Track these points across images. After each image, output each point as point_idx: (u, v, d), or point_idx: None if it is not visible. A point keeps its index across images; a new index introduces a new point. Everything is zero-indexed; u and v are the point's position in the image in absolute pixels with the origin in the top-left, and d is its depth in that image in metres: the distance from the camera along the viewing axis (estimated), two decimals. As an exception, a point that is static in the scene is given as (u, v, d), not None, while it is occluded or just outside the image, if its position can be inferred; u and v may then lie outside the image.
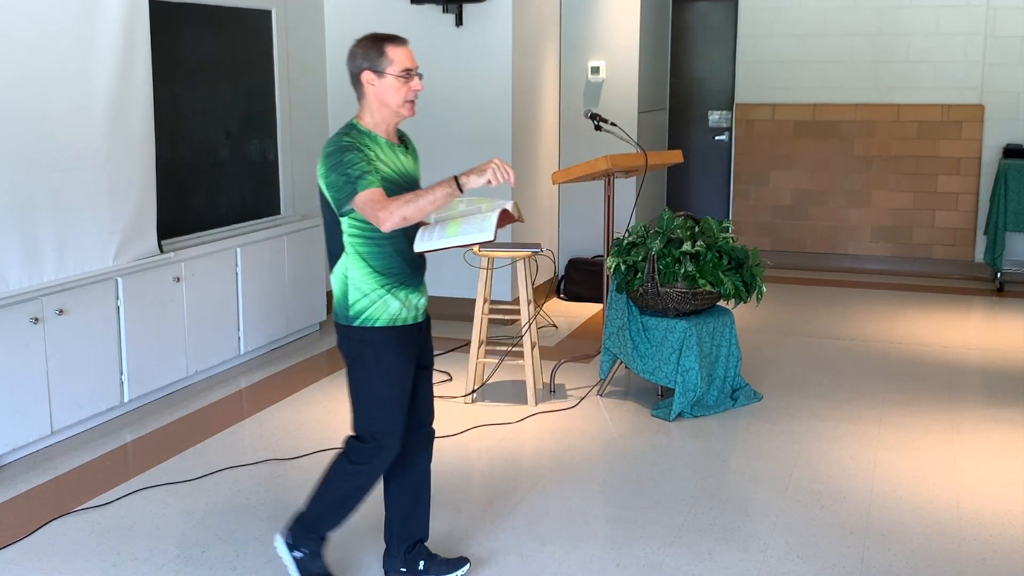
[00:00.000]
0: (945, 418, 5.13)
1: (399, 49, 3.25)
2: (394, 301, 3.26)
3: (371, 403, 3.30)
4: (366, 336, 3.25)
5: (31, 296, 4.58)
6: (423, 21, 6.86)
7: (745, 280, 5.14)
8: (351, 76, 3.29)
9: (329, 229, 3.27)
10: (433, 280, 7.01)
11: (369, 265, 3.22)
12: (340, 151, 3.17)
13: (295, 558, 3.41)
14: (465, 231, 3.27)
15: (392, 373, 3.29)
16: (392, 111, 3.28)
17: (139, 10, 5.09)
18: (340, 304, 3.27)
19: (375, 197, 3.10)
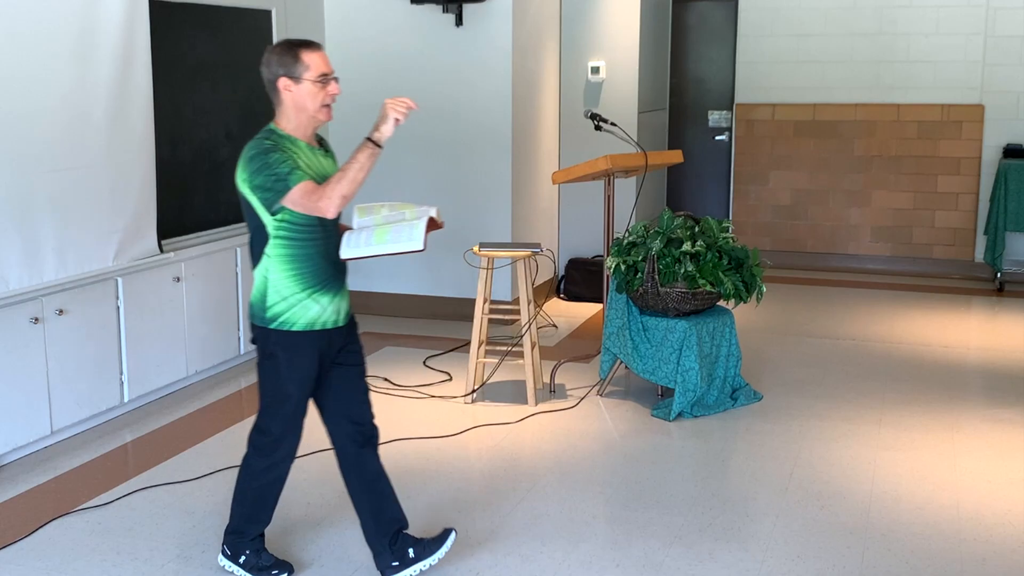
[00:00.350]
0: (945, 418, 5.13)
1: (314, 55, 3.27)
2: (314, 305, 3.31)
3: (279, 401, 3.39)
4: (281, 339, 3.31)
5: (31, 296, 4.58)
6: (423, 21, 6.86)
7: (745, 280, 5.14)
8: (267, 83, 3.30)
9: (252, 232, 3.30)
10: (433, 280, 7.07)
11: (292, 268, 3.26)
12: (263, 153, 3.20)
13: (241, 563, 3.53)
14: (394, 239, 3.29)
15: (302, 376, 3.36)
16: (310, 116, 3.31)
17: (139, 10, 5.09)
18: (257, 305, 3.32)
19: (309, 188, 3.16)
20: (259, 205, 3.22)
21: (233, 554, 3.54)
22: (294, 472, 4.45)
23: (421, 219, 3.36)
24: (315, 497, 4.21)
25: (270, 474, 3.49)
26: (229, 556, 3.56)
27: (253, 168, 3.20)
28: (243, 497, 3.52)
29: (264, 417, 3.44)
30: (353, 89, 7.08)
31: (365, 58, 7.00)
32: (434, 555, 3.53)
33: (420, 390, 5.59)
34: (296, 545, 3.80)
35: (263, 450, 3.46)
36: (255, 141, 3.27)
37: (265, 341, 3.35)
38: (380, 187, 7.10)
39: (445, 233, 6.94)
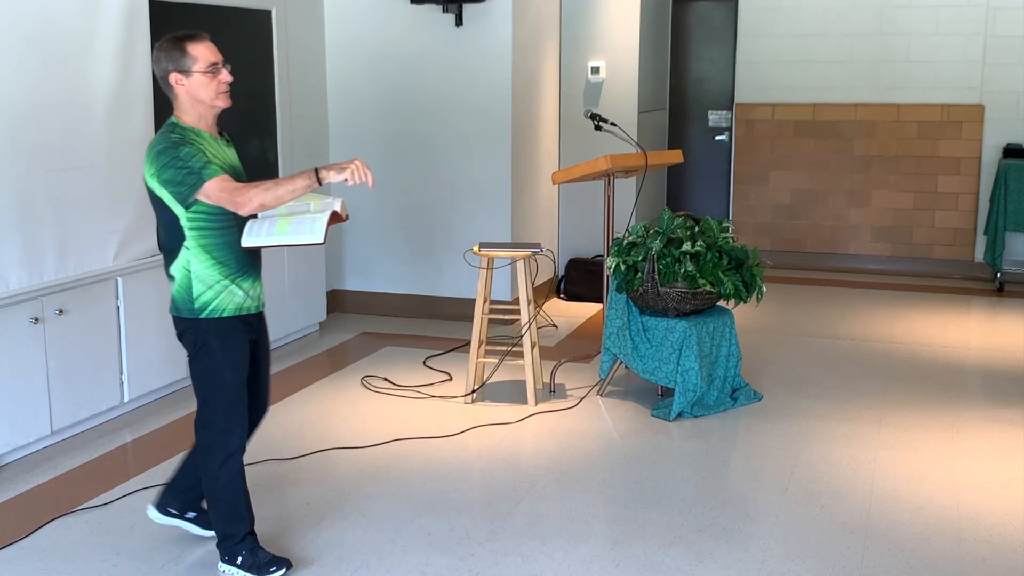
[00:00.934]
0: (945, 418, 5.13)
1: (200, 45, 3.33)
2: (238, 291, 3.40)
3: (216, 391, 3.44)
4: (213, 327, 3.37)
5: (31, 296, 4.58)
6: (423, 21, 6.86)
7: (745, 280, 5.14)
8: (160, 80, 3.35)
9: (166, 226, 3.34)
10: (433, 280, 7.07)
11: (212, 257, 3.33)
12: (173, 147, 3.24)
13: (239, 564, 3.54)
14: (295, 231, 3.33)
15: (237, 361, 3.44)
16: (207, 106, 3.36)
17: (139, 10, 5.10)
18: (183, 298, 3.37)
19: (227, 184, 3.23)
20: (171, 199, 3.26)
21: (231, 558, 3.56)
22: (294, 472, 4.46)
23: (324, 212, 3.39)
24: (315, 497, 4.21)
25: (229, 468, 3.49)
26: (227, 561, 3.57)
27: (162, 163, 3.23)
28: (215, 501, 3.54)
29: (206, 411, 3.47)
30: (353, 89, 7.10)
31: (365, 58, 7.00)
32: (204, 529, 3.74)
33: (420, 390, 5.59)
34: (296, 545, 3.79)
35: (214, 445, 3.47)
36: (160, 136, 3.30)
37: (197, 332, 3.39)
38: (380, 187, 7.11)
39: (445, 233, 7.01)
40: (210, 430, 3.47)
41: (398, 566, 3.63)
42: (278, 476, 4.43)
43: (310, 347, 6.47)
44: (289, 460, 4.60)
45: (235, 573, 3.56)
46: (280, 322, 6.34)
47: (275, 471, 4.48)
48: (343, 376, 5.86)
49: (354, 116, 7.13)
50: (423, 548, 3.76)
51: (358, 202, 7.17)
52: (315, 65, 7.00)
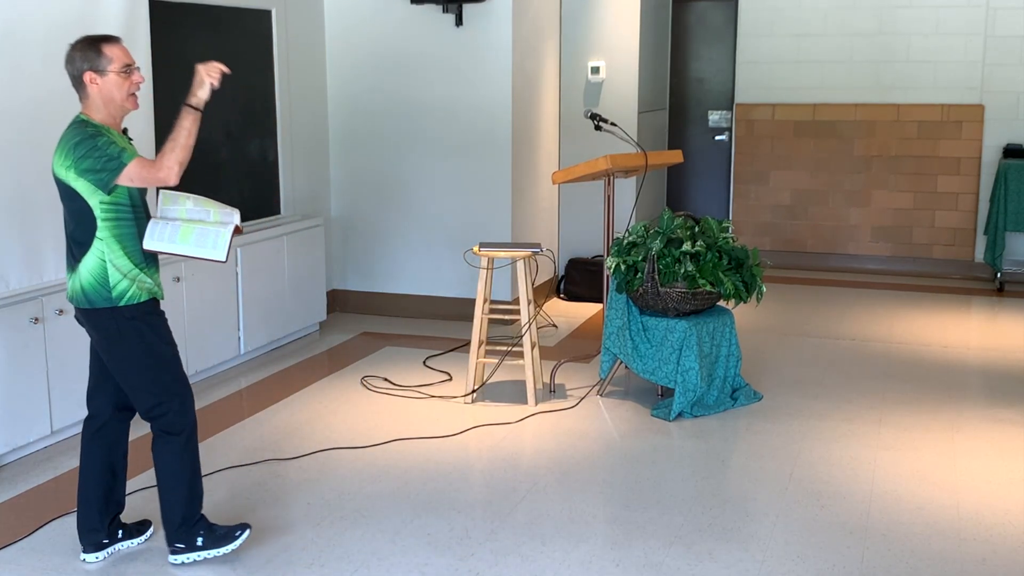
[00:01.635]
0: (945, 418, 5.13)
1: (115, 47, 3.43)
2: (148, 279, 3.49)
3: (160, 367, 3.50)
4: (134, 312, 3.45)
5: (31, 296, 4.58)
6: (423, 21, 6.86)
7: (745, 280, 5.14)
8: (72, 79, 3.43)
9: (77, 218, 3.40)
10: (433, 280, 7.07)
11: (124, 246, 3.42)
12: (89, 138, 3.34)
13: (199, 546, 3.60)
14: (198, 242, 3.45)
15: (167, 335, 3.55)
16: (118, 105, 3.45)
17: (139, 10, 5.09)
18: (97, 289, 3.42)
19: (145, 163, 3.36)
20: (88, 188, 3.34)
21: (188, 543, 3.59)
22: (294, 472, 4.46)
23: (227, 227, 3.48)
24: (315, 497, 4.21)
25: (192, 443, 3.57)
26: (183, 550, 3.60)
27: (80, 153, 3.32)
28: (178, 484, 3.57)
29: (154, 395, 3.50)
30: (353, 89, 7.10)
31: (365, 58, 7.00)
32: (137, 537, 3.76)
33: (420, 390, 5.59)
34: (296, 545, 3.79)
35: (175, 424, 3.52)
36: (74, 130, 3.38)
37: (116, 320, 3.44)
38: (380, 187, 7.11)
39: (445, 233, 7.01)
40: (165, 414, 3.51)
41: (398, 566, 3.63)
42: (278, 476, 4.43)
43: (310, 347, 6.47)
44: (289, 460, 4.60)
45: (195, 557, 3.59)
46: (280, 322, 6.34)
47: (275, 471, 4.48)
48: (343, 376, 5.86)
49: (354, 116, 7.13)
50: (423, 548, 3.76)
51: (359, 202, 7.18)
52: (315, 65, 7.00)
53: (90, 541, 3.69)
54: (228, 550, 3.62)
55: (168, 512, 3.60)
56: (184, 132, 3.36)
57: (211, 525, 3.63)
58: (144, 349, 3.47)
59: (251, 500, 4.19)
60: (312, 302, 6.66)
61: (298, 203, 6.79)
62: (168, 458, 3.55)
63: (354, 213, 7.21)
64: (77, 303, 3.48)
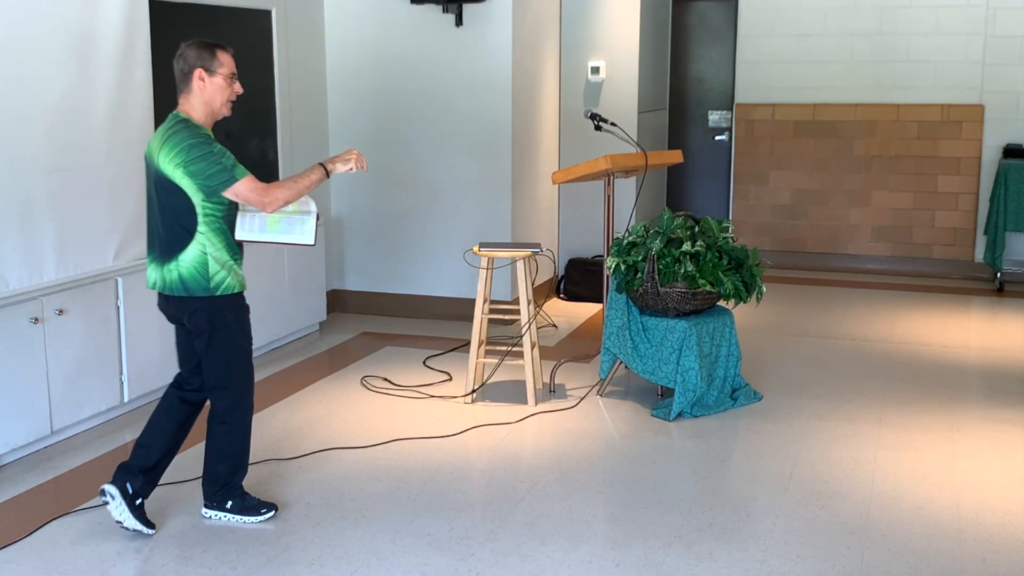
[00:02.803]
0: (945, 418, 5.13)
1: (227, 55, 3.71)
2: (239, 270, 3.77)
3: (235, 356, 3.83)
4: (228, 302, 3.75)
5: (31, 296, 4.58)
6: (423, 21, 6.86)
7: (745, 280, 5.14)
8: (181, 74, 3.67)
9: (177, 213, 3.63)
10: (433, 280, 7.07)
11: (222, 240, 3.69)
12: (205, 142, 3.58)
13: (229, 508, 3.92)
14: (286, 230, 3.77)
15: (248, 328, 3.86)
16: (215, 109, 3.72)
17: (139, 10, 5.10)
18: (197, 279, 3.67)
19: (255, 185, 3.62)
20: (193, 188, 3.58)
21: (219, 504, 3.92)
22: (294, 472, 4.47)
23: (310, 215, 3.79)
24: (315, 497, 4.21)
25: (244, 424, 3.89)
26: (215, 506, 3.93)
27: (194, 155, 3.54)
28: (225, 456, 3.88)
29: (225, 377, 3.82)
30: (353, 89, 7.10)
31: (365, 58, 7.00)
32: None
33: (420, 390, 5.59)
34: (296, 545, 3.80)
35: (238, 405, 3.86)
36: (185, 129, 3.59)
37: (211, 310, 3.72)
38: (380, 187, 7.11)
39: (445, 233, 7.00)
40: (231, 394, 3.83)
41: (398, 566, 3.63)
42: (278, 476, 4.43)
43: (310, 347, 6.47)
44: (289, 460, 4.60)
45: (222, 517, 3.92)
46: (280, 322, 6.34)
47: (275, 471, 4.48)
48: (343, 376, 5.86)
49: (354, 116, 7.13)
50: (423, 548, 3.76)
51: (359, 202, 7.18)
52: (315, 65, 7.00)
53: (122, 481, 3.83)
54: (251, 520, 3.91)
55: (211, 476, 3.92)
56: (306, 183, 3.70)
57: (244, 494, 3.94)
58: (227, 336, 3.76)
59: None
60: (312, 302, 6.66)
61: (298, 203, 6.78)
62: (222, 436, 3.86)
63: (354, 213, 7.21)
64: (172, 291, 3.70)
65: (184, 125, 3.61)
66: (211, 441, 3.90)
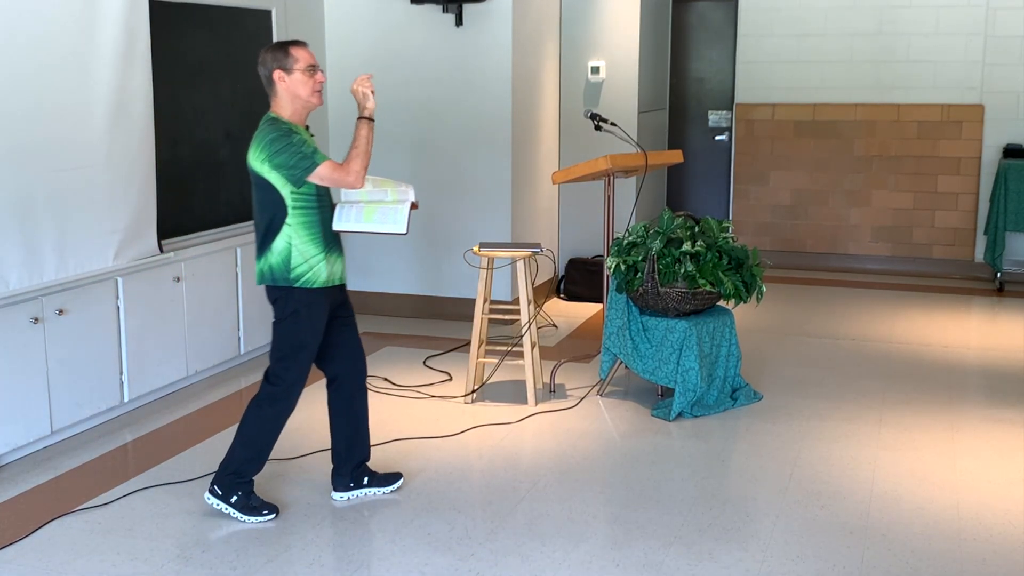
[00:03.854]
0: (945, 418, 5.13)
1: (301, 49, 3.84)
2: (327, 266, 3.85)
3: (294, 351, 3.90)
4: (303, 296, 3.83)
5: (31, 296, 4.58)
6: (423, 21, 6.86)
7: (745, 280, 5.14)
8: (264, 79, 3.84)
9: (268, 206, 3.78)
10: (433, 280, 7.07)
11: (311, 233, 3.79)
12: (285, 135, 3.73)
13: (232, 503, 3.94)
14: (380, 220, 3.92)
15: (317, 327, 3.90)
16: (303, 102, 3.85)
17: (139, 10, 5.09)
18: (280, 269, 3.80)
19: (335, 166, 3.77)
20: (281, 180, 3.73)
21: (224, 494, 3.93)
22: (294, 472, 4.47)
23: (404, 203, 3.95)
24: (315, 497, 4.21)
25: (278, 420, 3.96)
26: (220, 496, 3.94)
27: (276, 148, 3.71)
28: (249, 442, 3.93)
29: (278, 367, 3.92)
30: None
31: (365, 58, 7.00)
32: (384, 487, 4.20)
33: (420, 390, 5.59)
34: (296, 545, 3.80)
35: (275, 397, 3.92)
36: (269, 126, 3.77)
37: (287, 300, 3.84)
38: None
39: (445, 233, 7.00)
40: (279, 384, 3.92)
41: (398, 566, 3.63)
42: (278, 476, 4.43)
43: (310, 347, 6.46)
44: (289, 460, 4.60)
45: (223, 507, 3.94)
46: (280, 322, 6.33)
47: (275, 471, 4.48)
48: (343, 376, 5.85)
49: (354, 116, 7.05)
50: (423, 548, 3.76)
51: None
52: (315, 65, 6.99)
53: (338, 484, 4.15)
54: (250, 520, 3.92)
55: (228, 457, 3.95)
56: (364, 140, 3.82)
57: (250, 493, 3.95)
58: (295, 329, 3.87)
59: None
60: (312, 302, 6.64)
61: (298, 203, 6.78)
62: (255, 420, 3.93)
63: (354, 213, 7.19)
64: (262, 281, 3.87)
65: (269, 123, 3.78)
66: (243, 422, 3.96)
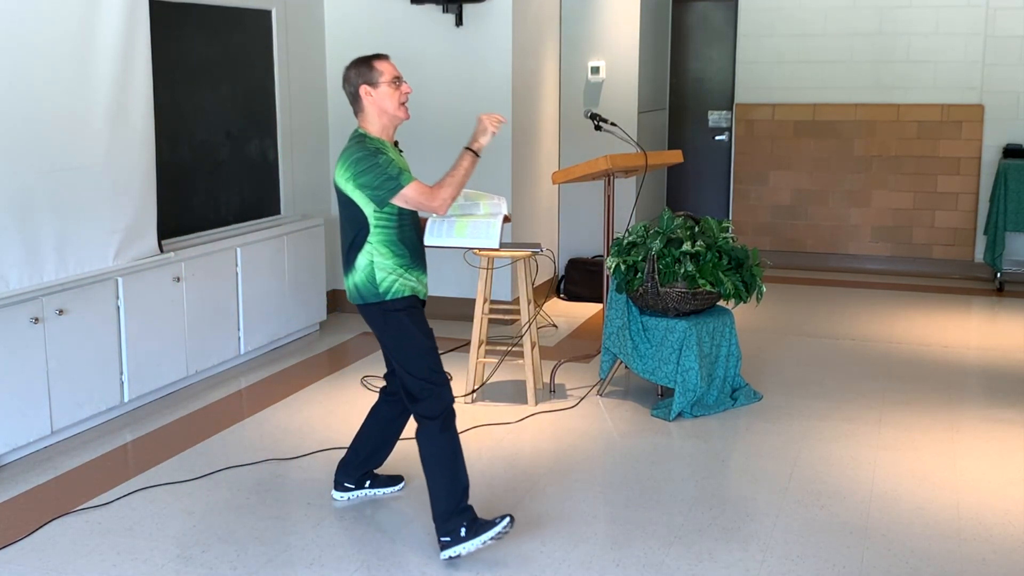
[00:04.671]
0: (945, 418, 5.13)
1: (384, 63, 3.77)
2: (411, 278, 3.75)
3: (420, 355, 3.73)
4: (398, 304, 3.72)
5: (31, 296, 4.58)
6: (423, 21, 6.86)
7: (745, 280, 5.14)
8: (350, 96, 3.77)
9: (354, 224, 3.70)
10: (433, 280, 7.01)
11: (392, 250, 3.70)
12: (372, 155, 3.64)
13: (463, 537, 3.60)
14: (472, 234, 3.90)
15: (426, 327, 3.78)
16: (391, 116, 3.76)
17: (139, 10, 5.09)
18: (367, 286, 3.71)
19: (422, 189, 3.67)
20: (365, 200, 3.65)
21: (453, 538, 3.60)
22: (294, 472, 4.47)
23: (496, 217, 3.91)
24: (315, 497, 4.21)
25: (450, 429, 3.71)
26: (449, 542, 3.61)
27: (361, 168, 3.63)
28: (439, 470, 3.68)
29: (413, 381, 3.71)
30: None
31: (365, 58, 6.99)
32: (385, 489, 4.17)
33: (420, 390, 5.58)
34: (296, 545, 3.80)
35: (433, 409, 3.69)
36: (356, 145, 3.69)
37: (384, 313, 3.73)
38: (380, 187, 7.10)
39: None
40: (423, 399, 3.70)
41: (398, 566, 3.63)
42: (278, 476, 4.43)
43: (310, 347, 6.47)
44: (289, 460, 4.60)
45: (463, 549, 3.59)
46: (280, 322, 6.34)
47: (275, 471, 4.48)
48: (343, 376, 5.86)
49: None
50: (423, 548, 3.76)
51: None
52: (315, 65, 7.00)
53: (340, 483, 4.15)
54: (491, 536, 3.60)
55: (435, 503, 3.66)
56: (462, 172, 3.71)
57: (474, 518, 3.65)
58: (405, 335, 3.73)
59: (251, 500, 4.19)
60: (312, 302, 6.66)
61: (298, 203, 6.79)
62: (426, 442, 3.72)
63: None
64: (352, 299, 3.79)
65: (356, 140, 3.71)
66: (423, 461, 3.71)
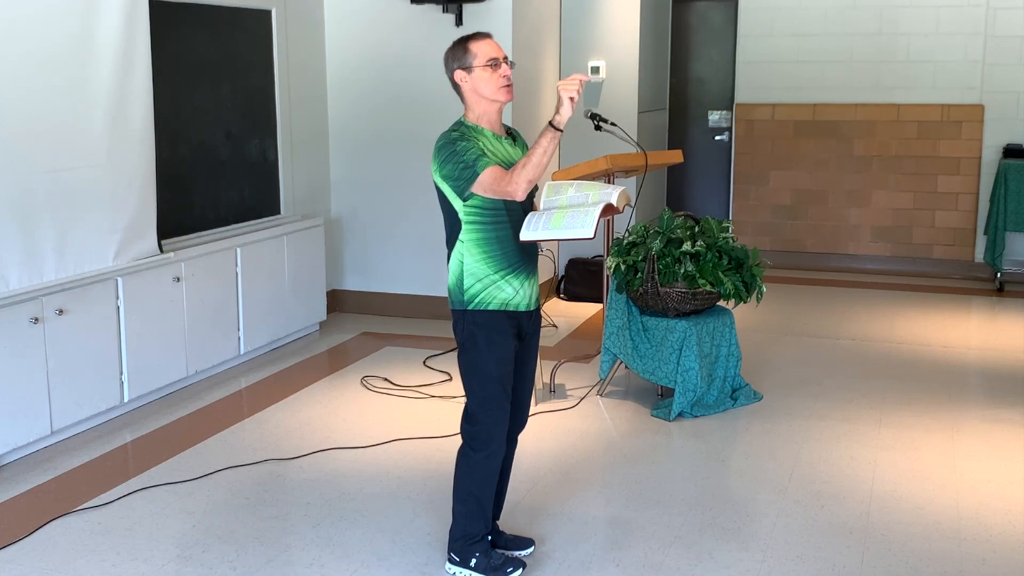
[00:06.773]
0: (945, 418, 5.13)
1: (481, 43, 3.40)
2: (507, 287, 3.39)
3: (482, 383, 3.43)
4: (478, 319, 3.38)
5: (31, 296, 4.58)
6: (423, 21, 6.86)
7: (745, 280, 5.14)
8: (452, 83, 3.44)
9: (448, 219, 3.41)
10: (433, 280, 7.06)
11: (484, 251, 3.35)
12: (450, 143, 3.32)
13: (473, 566, 3.52)
14: (568, 224, 3.34)
15: (501, 354, 3.42)
16: (490, 100, 3.39)
17: (139, 10, 5.09)
18: (455, 289, 3.41)
19: (497, 174, 3.25)
20: (451, 193, 3.33)
21: (463, 560, 3.53)
22: (294, 472, 4.46)
23: (598, 205, 3.39)
24: (315, 497, 4.21)
25: (490, 462, 3.48)
26: (458, 563, 3.54)
27: (442, 158, 3.31)
28: (465, 496, 3.51)
29: (472, 402, 3.46)
30: (353, 89, 7.10)
31: (365, 58, 7.00)
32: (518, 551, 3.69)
33: (420, 390, 5.58)
34: (296, 545, 3.80)
35: (477, 440, 3.45)
36: (445, 133, 3.37)
37: (463, 324, 3.41)
38: (379, 186, 7.11)
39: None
40: (474, 423, 3.46)
41: (398, 566, 3.63)
42: (278, 476, 4.43)
43: (310, 347, 6.47)
44: (289, 460, 4.60)
45: (466, 573, 3.53)
46: (280, 322, 6.34)
47: (275, 471, 4.48)
48: (343, 376, 5.86)
49: (354, 116, 7.13)
50: (423, 548, 3.76)
51: (358, 202, 7.17)
52: (315, 65, 7.00)
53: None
54: None
55: (456, 521, 3.55)
56: (540, 150, 3.19)
57: (489, 551, 3.54)
58: (475, 357, 3.42)
59: (251, 500, 4.19)
60: (312, 302, 6.65)
61: (298, 203, 6.79)
62: (464, 470, 3.50)
63: (354, 213, 7.21)
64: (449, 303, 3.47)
65: (449, 130, 3.39)
66: (455, 477, 3.54)
